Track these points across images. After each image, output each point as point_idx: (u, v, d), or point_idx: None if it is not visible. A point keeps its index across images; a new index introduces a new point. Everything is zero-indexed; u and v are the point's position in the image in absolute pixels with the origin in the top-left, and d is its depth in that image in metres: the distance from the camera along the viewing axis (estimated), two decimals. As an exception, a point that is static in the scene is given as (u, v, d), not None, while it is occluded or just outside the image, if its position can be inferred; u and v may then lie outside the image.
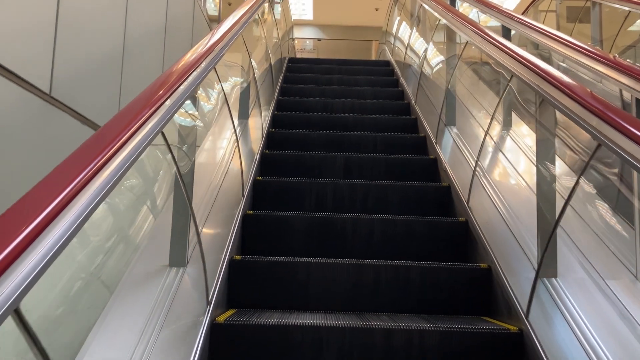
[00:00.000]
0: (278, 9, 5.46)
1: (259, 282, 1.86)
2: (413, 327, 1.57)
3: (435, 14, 3.56)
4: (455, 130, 3.01)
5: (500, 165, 2.48)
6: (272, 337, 1.57)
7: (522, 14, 4.84)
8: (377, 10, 10.15)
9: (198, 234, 1.54)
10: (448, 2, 4.00)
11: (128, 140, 0.99)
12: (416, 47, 4.77)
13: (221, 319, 1.60)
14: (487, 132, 2.41)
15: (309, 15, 10.69)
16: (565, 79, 1.52)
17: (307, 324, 1.57)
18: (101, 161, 0.87)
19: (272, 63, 4.18)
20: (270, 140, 3.23)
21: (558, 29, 4.67)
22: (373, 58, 10.91)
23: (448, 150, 2.92)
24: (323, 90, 4.44)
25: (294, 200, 2.44)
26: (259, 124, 3.16)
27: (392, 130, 3.50)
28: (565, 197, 1.47)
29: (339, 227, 2.11)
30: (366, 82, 4.87)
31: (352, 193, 2.48)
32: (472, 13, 4.03)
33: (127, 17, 2.61)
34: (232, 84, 2.80)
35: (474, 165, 2.36)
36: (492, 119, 2.43)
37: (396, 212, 2.38)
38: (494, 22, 3.53)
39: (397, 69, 5.37)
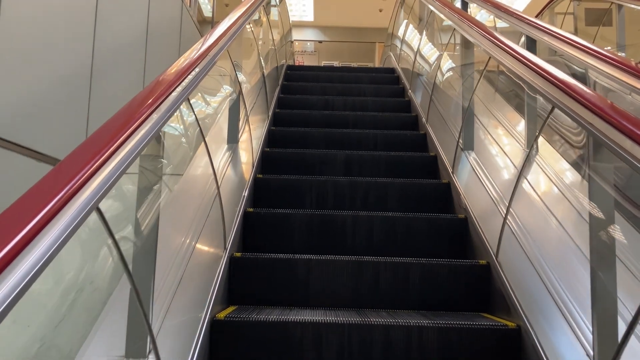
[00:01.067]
0: (275, 11, 5.27)
1: (259, 279, 1.97)
2: (412, 324, 1.67)
3: (451, 23, 3.26)
4: (473, 155, 2.70)
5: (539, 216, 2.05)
6: (272, 333, 1.67)
7: (536, 17, 4.78)
8: (381, 11, 10.27)
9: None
10: (460, 6, 3.80)
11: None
12: (426, 55, 4.55)
13: (221, 315, 1.70)
14: (520, 173, 2.03)
15: (309, 17, 10.81)
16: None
17: (306, 321, 1.66)
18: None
19: (267, 73, 3.92)
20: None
21: (575, 33, 4.57)
22: (377, 60, 11.06)
23: (465, 178, 2.63)
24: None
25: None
26: (249, 145, 2.89)
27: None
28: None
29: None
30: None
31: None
32: (481, 14, 3.86)
33: (96, 29, 2.37)
34: (217, 104, 2.61)
35: (505, 212, 1.95)
36: (528, 155, 2.10)
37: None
38: (502, 24, 3.41)
39: (404, 79, 5.08)
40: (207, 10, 6.79)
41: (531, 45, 2.52)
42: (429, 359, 1.65)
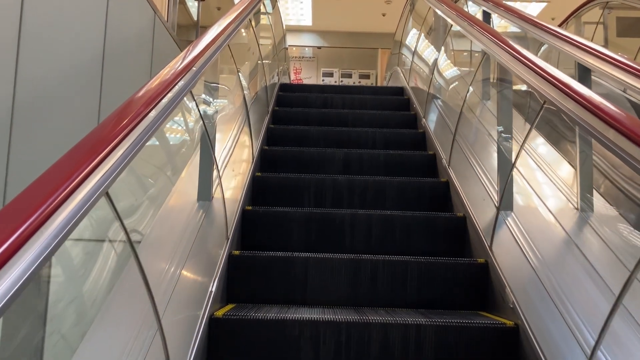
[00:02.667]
0: (265, 18, 4.86)
1: (257, 277, 2.12)
2: (410, 322, 1.82)
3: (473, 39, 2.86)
4: (513, 217, 2.22)
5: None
6: (270, 331, 1.82)
7: (560, 25, 4.54)
8: (384, 15, 10.49)
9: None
10: (481, 17, 3.44)
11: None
12: (448, 77, 4.05)
13: (220, 313, 1.86)
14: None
15: (307, 21, 11.02)
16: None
17: (304, 319, 1.81)
18: None
19: (252, 98, 3.45)
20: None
21: (605, 44, 4.38)
22: (379, 67, 11.33)
23: (504, 253, 2.15)
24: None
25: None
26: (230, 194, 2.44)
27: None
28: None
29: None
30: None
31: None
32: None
33: (19, 58, 1.96)
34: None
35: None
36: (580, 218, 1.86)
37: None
38: (514, 28, 3.06)
39: (415, 103, 4.48)
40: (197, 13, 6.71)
41: (584, 74, 2.05)
42: (427, 357, 1.81)
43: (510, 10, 3.01)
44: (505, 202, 2.25)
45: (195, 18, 7.02)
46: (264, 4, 4.48)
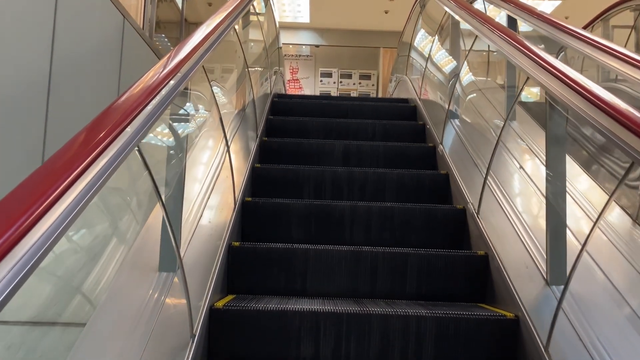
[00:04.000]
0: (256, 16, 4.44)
1: (257, 268, 2.28)
2: (410, 313, 1.98)
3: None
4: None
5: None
6: (270, 322, 1.96)
7: (584, 28, 4.14)
8: (387, 13, 10.69)
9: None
10: (505, 23, 3.19)
11: None
12: (474, 102, 3.56)
13: (220, 304, 2.01)
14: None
15: (305, 18, 11.19)
16: None
17: (305, 310, 1.96)
18: None
19: (233, 133, 2.95)
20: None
21: (637, 49, 4.36)
22: (380, 67, 11.52)
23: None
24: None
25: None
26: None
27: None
28: None
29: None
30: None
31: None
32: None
33: None
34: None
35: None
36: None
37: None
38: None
39: (431, 126, 3.96)
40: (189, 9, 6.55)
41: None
42: (427, 348, 1.96)
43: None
44: (556, 273, 1.91)
45: (187, 14, 7.16)
46: (253, 5, 4.03)
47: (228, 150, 2.58)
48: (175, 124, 1.99)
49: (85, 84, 2.88)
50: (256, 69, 4.28)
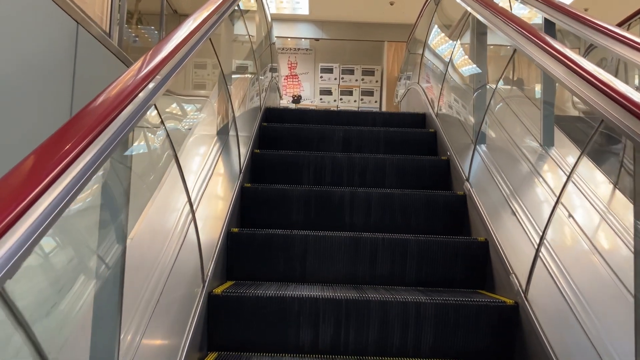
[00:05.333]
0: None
1: (256, 254, 2.44)
2: (410, 300, 2.14)
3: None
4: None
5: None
6: (269, 309, 2.11)
7: (619, 26, 3.65)
8: (392, 4, 10.86)
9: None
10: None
11: None
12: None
13: (218, 290, 2.17)
14: None
15: (304, 9, 11.34)
16: None
17: (304, 296, 2.11)
18: None
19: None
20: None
21: None
22: (384, 62, 11.70)
23: None
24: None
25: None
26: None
27: None
28: None
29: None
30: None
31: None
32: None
33: None
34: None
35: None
36: None
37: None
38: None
39: (451, 149, 3.57)
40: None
41: None
42: (426, 335, 2.13)
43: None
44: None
45: (177, 6, 7.25)
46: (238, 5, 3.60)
47: (194, 217, 2.08)
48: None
49: (25, 104, 2.55)
50: (242, 76, 3.86)
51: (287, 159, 3.43)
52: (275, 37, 7.39)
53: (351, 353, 2.11)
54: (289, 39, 11.96)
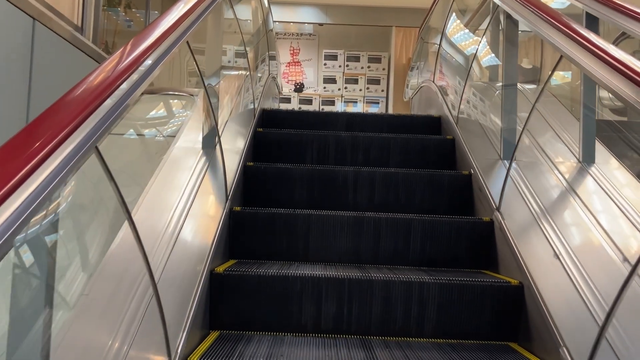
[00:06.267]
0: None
1: (259, 233, 2.56)
2: (413, 279, 2.24)
3: None
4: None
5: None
6: (271, 288, 2.21)
7: None
8: (400, -14, 10.93)
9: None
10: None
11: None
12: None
13: (220, 269, 2.29)
14: None
15: (307, -8, 11.45)
16: None
17: (306, 275, 2.22)
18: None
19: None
20: None
21: None
22: (392, 49, 11.79)
23: None
24: None
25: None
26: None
27: None
28: None
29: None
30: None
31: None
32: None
33: None
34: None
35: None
36: None
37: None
38: None
39: (474, 165, 3.23)
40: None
41: None
42: (430, 314, 2.24)
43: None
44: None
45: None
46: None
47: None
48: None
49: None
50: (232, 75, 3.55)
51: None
52: (277, 21, 7.25)
53: (354, 332, 2.23)
54: (291, 24, 12.04)
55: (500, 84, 3.20)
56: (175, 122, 2.94)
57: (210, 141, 2.62)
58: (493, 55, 3.71)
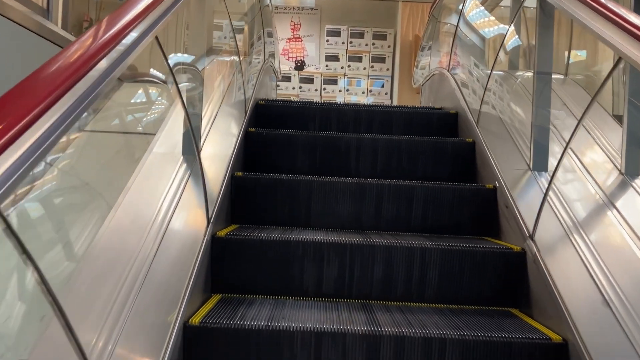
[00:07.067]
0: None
1: (260, 198, 2.68)
2: (415, 245, 2.37)
3: None
4: None
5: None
6: (273, 252, 2.33)
7: None
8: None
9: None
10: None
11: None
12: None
13: (222, 233, 2.39)
14: None
15: (309, -36, 11.49)
16: None
17: (308, 240, 2.33)
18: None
19: None
20: None
21: None
22: (398, 25, 11.84)
23: None
24: None
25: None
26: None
27: None
28: None
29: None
30: None
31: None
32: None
33: None
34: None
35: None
36: None
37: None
38: None
39: (500, 175, 2.82)
40: None
41: None
42: (431, 280, 2.36)
43: None
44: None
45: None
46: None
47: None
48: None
49: None
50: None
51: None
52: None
53: (355, 297, 2.35)
54: (292, -4, 12.07)
55: (531, 74, 2.83)
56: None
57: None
58: (520, 41, 3.26)
